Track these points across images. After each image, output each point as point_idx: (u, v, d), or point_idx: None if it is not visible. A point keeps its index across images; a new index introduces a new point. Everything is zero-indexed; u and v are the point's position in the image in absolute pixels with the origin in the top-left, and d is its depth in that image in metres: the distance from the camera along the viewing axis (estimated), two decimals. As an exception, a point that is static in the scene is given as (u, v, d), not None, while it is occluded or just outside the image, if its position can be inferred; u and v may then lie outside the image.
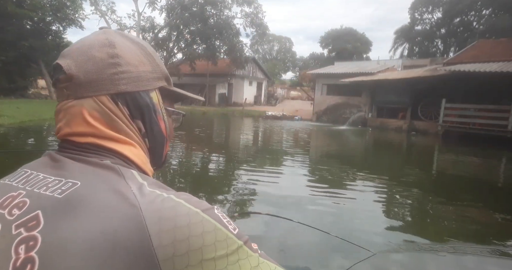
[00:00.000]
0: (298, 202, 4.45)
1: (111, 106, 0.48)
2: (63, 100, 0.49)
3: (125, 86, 0.48)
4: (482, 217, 4.38)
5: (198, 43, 27.07)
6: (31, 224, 0.39)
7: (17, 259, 0.36)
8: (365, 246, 2.82)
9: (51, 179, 0.44)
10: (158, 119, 0.54)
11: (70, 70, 0.47)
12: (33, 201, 0.41)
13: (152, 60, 0.53)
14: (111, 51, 0.48)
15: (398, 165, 8.56)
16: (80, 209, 0.39)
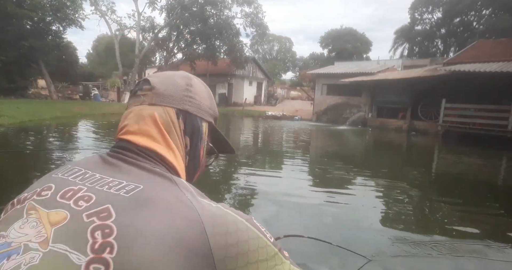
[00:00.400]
0: (298, 202, 4.45)
1: (173, 117, 0.59)
2: (136, 105, 0.60)
3: (189, 107, 0.61)
4: (482, 217, 4.38)
5: (198, 43, 27.06)
6: (102, 215, 0.44)
7: (94, 243, 0.41)
8: (363, 251, 2.80)
9: (109, 179, 0.50)
10: (201, 147, 0.65)
11: (154, 83, 0.61)
12: (99, 197, 0.47)
13: (211, 100, 0.67)
14: (188, 82, 0.63)
15: (398, 165, 8.55)
16: (148, 207, 0.45)
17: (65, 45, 25.03)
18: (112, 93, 29.40)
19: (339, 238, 3.23)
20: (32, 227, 0.45)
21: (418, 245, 3.25)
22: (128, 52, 31.63)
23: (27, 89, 24.18)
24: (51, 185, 0.51)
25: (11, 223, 0.46)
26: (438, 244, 3.30)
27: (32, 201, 0.49)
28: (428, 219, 4.31)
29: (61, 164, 6.36)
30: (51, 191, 0.50)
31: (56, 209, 0.46)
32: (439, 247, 3.23)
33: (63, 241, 0.42)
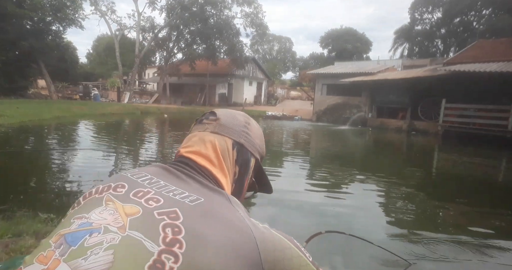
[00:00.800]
0: (298, 203, 4.45)
1: (230, 147, 0.69)
2: (200, 131, 0.71)
3: (244, 141, 0.71)
4: (481, 217, 4.38)
5: (198, 43, 27.06)
6: (171, 215, 0.51)
7: (165, 237, 0.48)
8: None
9: (173, 187, 0.58)
10: (246, 178, 0.73)
11: (219, 115, 0.72)
12: (166, 200, 0.55)
13: (262, 142, 0.77)
14: (247, 120, 0.75)
15: (398, 165, 8.55)
16: (209, 218, 0.52)
17: (65, 45, 25.05)
18: (112, 93, 29.41)
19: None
20: (110, 214, 0.53)
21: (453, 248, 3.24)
22: (128, 52, 31.66)
23: (27, 89, 24.18)
24: (125, 184, 0.60)
25: (92, 209, 0.55)
26: (462, 244, 3.30)
27: (109, 194, 0.58)
28: (428, 219, 4.31)
29: (61, 164, 6.37)
30: (125, 189, 0.58)
31: (130, 204, 0.54)
32: (465, 248, 3.22)
33: (138, 229, 0.49)
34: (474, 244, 3.33)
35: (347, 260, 2.90)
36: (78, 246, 0.48)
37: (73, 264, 0.45)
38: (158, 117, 19.21)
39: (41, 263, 0.47)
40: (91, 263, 0.45)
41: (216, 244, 0.48)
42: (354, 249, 3.00)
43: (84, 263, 0.45)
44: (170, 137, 12.01)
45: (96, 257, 0.45)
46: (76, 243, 0.48)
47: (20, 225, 2.69)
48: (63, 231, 0.51)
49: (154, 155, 8.07)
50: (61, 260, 0.46)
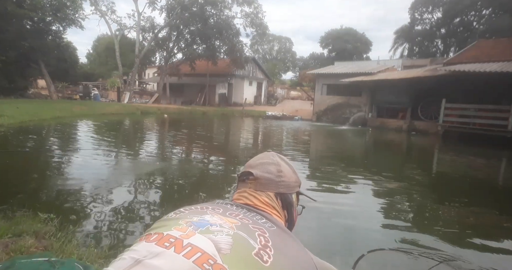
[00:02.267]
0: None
1: (274, 199, 0.84)
2: (246, 188, 0.85)
3: (283, 190, 0.85)
4: (481, 217, 4.37)
5: (198, 43, 27.04)
6: (261, 230, 0.68)
7: (260, 241, 0.64)
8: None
9: (253, 214, 0.76)
10: (293, 211, 0.89)
11: (257, 175, 0.85)
12: (253, 221, 0.72)
13: (295, 174, 0.90)
14: (279, 168, 0.86)
15: (398, 165, 8.55)
16: (284, 239, 0.70)
17: (65, 45, 25.04)
18: (112, 93, 29.39)
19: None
20: (219, 219, 0.68)
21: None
22: (128, 52, 31.66)
23: (27, 89, 24.18)
24: (219, 208, 0.76)
25: (201, 215, 0.70)
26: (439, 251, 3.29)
27: (210, 210, 0.73)
28: (427, 219, 4.31)
29: (61, 164, 6.36)
30: (220, 210, 0.75)
31: (230, 217, 0.71)
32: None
33: (243, 232, 0.65)
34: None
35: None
36: (205, 228, 0.63)
37: (207, 236, 0.61)
38: (158, 117, 19.21)
39: (180, 231, 0.62)
40: (220, 238, 0.61)
41: (291, 258, 0.65)
42: (400, 263, 2.95)
43: (215, 237, 0.61)
44: (170, 137, 12.02)
45: (222, 237, 0.61)
46: (203, 227, 0.64)
47: (20, 225, 2.69)
48: (188, 220, 0.66)
49: (154, 155, 8.06)
50: (196, 232, 0.62)
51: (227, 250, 0.58)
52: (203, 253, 0.57)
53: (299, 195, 0.93)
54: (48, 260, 2.00)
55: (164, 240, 0.60)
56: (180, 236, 0.60)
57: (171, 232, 0.62)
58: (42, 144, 8.79)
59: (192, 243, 0.59)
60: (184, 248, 0.58)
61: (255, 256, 0.59)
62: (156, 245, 0.59)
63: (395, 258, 2.97)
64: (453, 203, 4.94)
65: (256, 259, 0.59)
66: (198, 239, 0.60)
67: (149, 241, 0.61)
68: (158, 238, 0.61)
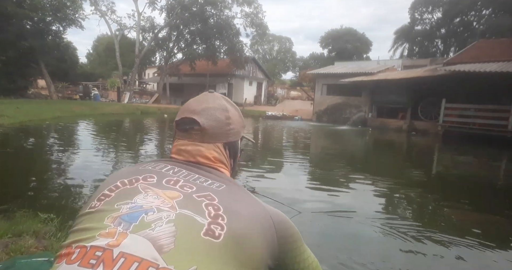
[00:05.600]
0: (298, 202, 4.45)
1: (223, 150, 0.76)
2: (189, 140, 0.75)
3: (232, 138, 0.77)
4: (481, 217, 4.37)
5: (198, 43, 27.04)
6: (208, 197, 0.62)
7: (209, 213, 0.58)
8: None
9: (196, 176, 0.68)
10: (238, 158, 0.82)
11: (203, 125, 0.73)
12: (198, 187, 0.65)
13: (242, 118, 0.82)
14: (227, 114, 0.76)
15: (398, 165, 8.55)
16: (235, 197, 0.65)
17: (65, 45, 25.02)
18: (112, 93, 29.39)
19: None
20: (155, 199, 0.60)
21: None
22: (128, 52, 31.63)
23: (27, 89, 24.16)
24: (152, 175, 0.66)
25: (132, 196, 0.60)
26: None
27: (142, 184, 0.64)
28: (426, 219, 4.31)
29: (61, 164, 6.36)
30: (154, 179, 0.65)
31: (169, 190, 0.63)
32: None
33: (186, 208, 0.58)
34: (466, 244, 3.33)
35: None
36: (139, 222, 0.54)
37: (142, 233, 0.52)
38: (158, 117, 19.21)
39: (107, 237, 0.52)
40: (159, 232, 0.53)
41: (245, 217, 0.61)
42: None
43: (153, 232, 0.52)
44: (170, 136, 12.01)
45: (161, 228, 0.53)
46: (136, 220, 0.55)
47: (20, 225, 2.69)
48: (115, 214, 0.56)
49: (154, 155, 8.06)
50: (128, 232, 0.52)
51: (170, 245, 0.51)
52: (140, 261, 0.48)
53: (242, 138, 0.85)
54: (48, 260, 2.00)
55: (89, 257, 0.49)
56: (108, 245, 0.50)
57: (96, 243, 0.51)
58: (42, 143, 8.78)
59: (124, 251, 0.49)
60: (115, 261, 0.48)
61: (205, 235, 0.54)
62: (79, 267, 0.48)
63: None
64: (452, 203, 4.94)
65: (206, 240, 0.53)
66: (131, 243, 0.50)
67: (70, 262, 0.50)
68: (80, 256, 0.50)
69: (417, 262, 3.01)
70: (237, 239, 0.56)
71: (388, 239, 3.42)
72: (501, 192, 6.00)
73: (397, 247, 3.21)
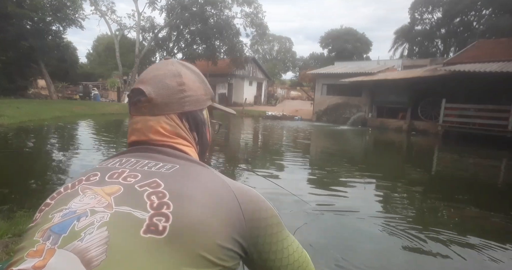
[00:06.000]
0: (296, 203, 4.45)
1: (178, 122, 0.65)
2: (139, 115, 0.65)
3: (188, 107, 0.66)
4: (481, 217, 4.38)
5: (198, 43, 27.04)
6: (153, 185, 0.53)
7: (152, 203, 0.50)
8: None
9: (146, 161, 0.59)
10: (206, 131, 0.71)
11: (150, 95, 0.63)
12: (143, 174, 0.56)
13: (205, 85, 0.73)
14: (179, 80, 0.66)
15: (399, 165, 8.55)
16: (189, 179, 0.55)
17: (65, 45, 25.00)
18: (112, 93, 29.39)
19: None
20: (91, 199, 0.52)
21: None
22: (128, 52, 31.62)
23: (27, 89, 24.16)
24: (97, 173, 0.59)
25: (68, 202, 0.53)
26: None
27: (83, 185, 0.56)
28: (425, 219, 4.31)
29: (61, 163, 6.36)
30: (98, 176, 0.58)
31: (108, 185, 0.55)
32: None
33: (124, 204, 0.51)
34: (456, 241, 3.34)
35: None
36: (68, 232, 0.47)
37: (70, 247, 0.45)
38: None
39: (34, 257, 0.45)
40: (88, 242, 0.45)
41: (199, 199, 0.52)
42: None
43: (82, 244, 0.45)
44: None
45: (91, 236, 0.46)
46: (66, 230, 0.48)
47: (20, 225, 2.69)
48: (46, 226, 0.50)
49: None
50: (56, 248, 0.46)
51: (100, 257, 0.44)
52: None
53: (212, 109, 0.76)
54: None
55: None
56: (34, 268, 0.44)
57: (23, 265, 0.45)
58: (42, 143, 8.78)
59: None
60: None
61: (146, 233, 0.46)
62: None
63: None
64: (453, 202, 4.94)
65: (147, 239, 0.46)
66: (57, 261, 0.44)
67: None
68: None
69: (417, 261, 3.01)
70: (188, 228, 0.48)
71: (390, 237, 3.42)
72: (501, 192, 6.00)
73: (398, 245, 3.21)
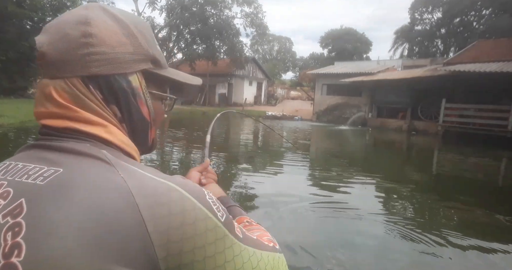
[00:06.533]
0: (296, 202, 4.45)
1: (82, 89, 0.45)
2: (43, 78, 0.48)
3: (97, 69, 0.45)
4: (481, 217, 4.37)
5: (198, 43, 27.08)
6: (16, 211, 0.38)
7: (5, 246, 0.36)
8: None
9: (31, 166, 0.43)
10: (139, 104, 0.50)
11: (42, 48, 0.47)
12: (16, 190, 0.41)
13: (135, 41, 0.48)
14: (85, 29, 0.45)
15: (398, 165, 8.55)
16: (65, 193, 0.38)
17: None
18: (112, 93, 29.41)
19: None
20: None
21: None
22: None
23: (27, 89, 24.15)
24: None
25: None
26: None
27: None
28: (425, 219, 4.31)
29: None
30: None
31: None
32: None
33: None
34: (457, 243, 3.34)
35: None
36: None
37: None
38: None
39: None
40: None
41: (71, 228, 0.36)
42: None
43: None
44: (170, 136, 12.01)
45: None
46: None
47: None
48: None
49: (154, 154, 8.06)
50: None
51: None
52: None
53: (160, 77, 0.53)
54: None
55: None
56: None
57: None
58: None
59: None
60: None
61: None
62: None
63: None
64: (453, 202, 4.94)
65: None
66: None
67: None
68: None
69: (418, 260, 3.01)
70: None
71: (389, 236, 3.42)
72: (501, 192, 6.00)
73: (398, 245, 3.22)
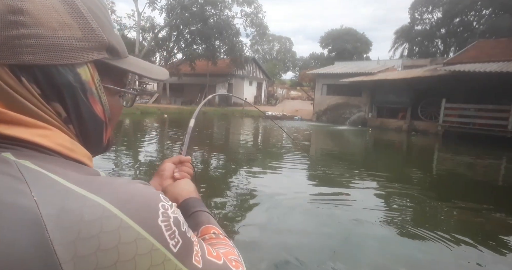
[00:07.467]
0: (296, 201, 4.44)
1: (10, 81, 0.34)
2: None
3: (32, 57, 0.34)
4: (481, 217, 4.37)
5: (198, 43, 27.08)
6: None
7: None
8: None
9: None
10: (91, 102, 0.41)
11: None
12: None
13: (84, 23, 0.38)
14: (13, 3, 0.33)
15: (398, 165, 8.54)
16: None
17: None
18: (112, 93, 29.39)
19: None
20: None
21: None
22: (128, 52, 31.62)
23: (27, 89, 24.17)
24: None
25: None
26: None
27: None
28: (425, 219, 4.30)
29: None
30: None
31: None
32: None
33: None
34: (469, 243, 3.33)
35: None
36: None
37: None
38: (158, 117, 19.21)
39: None
40: None
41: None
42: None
43: None
44: (170, 136, 12.01)
45: None
46: None
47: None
48: None
49: (154, 155, 8.06)
50: None
51: None
52: None
53: (117, 69, 0.46)
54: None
55: None
56: None
57: None
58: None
59: None
60: None
61: None
62: None
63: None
64: (452, 202, 4.93)
65: None
66: None
67: None
68: None
69: (418, 259, 3.00)
70: None
71: (389, 235, 3.41)
72: (501, 192, 5.99)
73: (399, 244, 3.21)
